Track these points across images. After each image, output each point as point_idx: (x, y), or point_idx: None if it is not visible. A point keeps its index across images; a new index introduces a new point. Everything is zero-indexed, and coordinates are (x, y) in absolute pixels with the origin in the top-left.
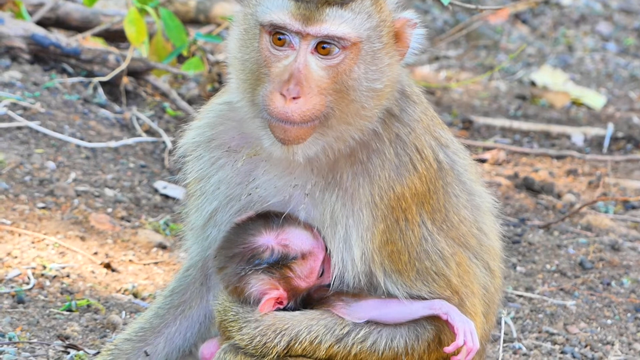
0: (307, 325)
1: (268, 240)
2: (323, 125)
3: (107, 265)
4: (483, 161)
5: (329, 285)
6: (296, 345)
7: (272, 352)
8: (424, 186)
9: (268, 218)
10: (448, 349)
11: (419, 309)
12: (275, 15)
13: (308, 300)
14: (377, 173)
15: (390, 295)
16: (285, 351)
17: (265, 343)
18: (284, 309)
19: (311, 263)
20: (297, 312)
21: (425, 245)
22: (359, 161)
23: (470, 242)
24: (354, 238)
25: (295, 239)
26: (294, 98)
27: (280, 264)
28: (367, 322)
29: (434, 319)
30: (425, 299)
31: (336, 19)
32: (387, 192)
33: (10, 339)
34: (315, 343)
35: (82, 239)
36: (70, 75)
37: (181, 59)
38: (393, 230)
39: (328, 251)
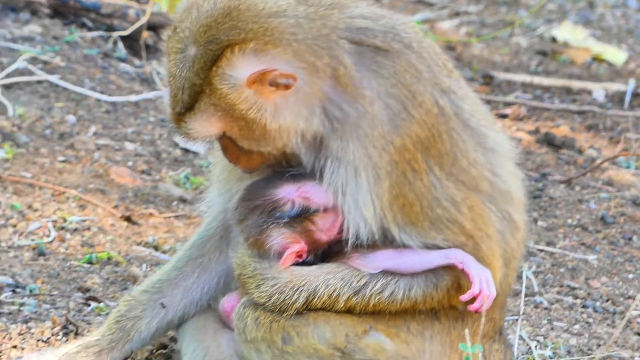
0: (324, 279)
1: (289, 192)
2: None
3: (128, 219)
4: (504, 117)
5: (346, 241)
6: (315, 300)
7: (291, 309)
8: (426, 131)
9: (287, 174)
10: (464, 297)
11: (435, 258)
12: None
13: (327, 253)
14: (368, 134)
15: (405, 247)
16: (304, 307)
17: (283, 300)
18: (304, 263)
19: (332, 216)
20: (313, 267)
21: (435, 193)
22: (346, 130)
23: (482, 186)
24: (362, 202)
25: (316, 192)
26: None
27: (301, 217)
28: (384, 273)
29: (451, 266)
30: (440, 247)
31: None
32: (387, 148)
33: (31, 291)
34: (333, 297)
35: (103, 192)
36: (90, 29)
37: None
38: (401, 184)
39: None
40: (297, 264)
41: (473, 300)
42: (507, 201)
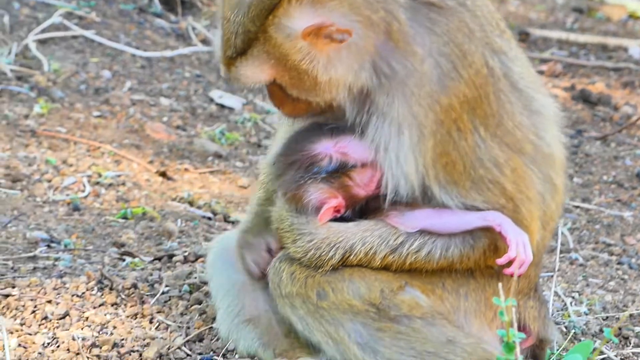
0: (361, 237)
1: (327, 147)
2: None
3: (163, 174)
4: (540, 73)
5: (384, 197)
6: (351, 257)
7: (327, 265)
8: (473, 92)
9: (325, 127)
10: (500, 261)
11: (473, 219)
12: None
13: (364, 209)
14: (414, 92)
15: (444, 207)
16: (340, 263)
17: (319, 256)
18: (342, 218)
19: (370, 171)
20: (351, 224)
21: (478, 153)
22: (393, 87)
23: (526, 148)
24: (404, 159)
25: (354, 147)
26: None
27: (339, 172)
28: (421, 232)
29: (488, 228)
30: (479, 209)
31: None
32: (433, 107)
33: (65, 246)
34: (370, 254)
35: (138, 147)
36: None
37: None
38: (446, 142)
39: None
40: (335, 219)
41: (509, 263)
42: (549, 164)
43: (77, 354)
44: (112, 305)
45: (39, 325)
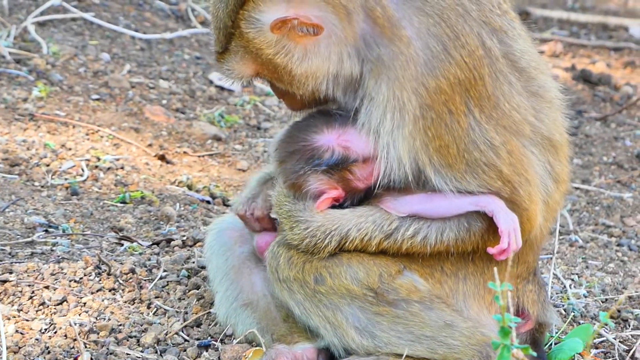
0: (356, 223)
1: (329, 140)
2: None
3: (162, 157)
4: (540, 53)
5: (379, 183)
6: (347, 243)
7: (323, 252)
8: (466, 73)
9: (331, 117)
10: (491, 251)
11: (465, 204)
12: None
13: (364, 196)
14: (399, 76)
15: (439, 192)
16: (336, 250)
17: (315, 244)
18: (340, 206)
19: (371, 166)
20: (346, 210)
21: (472, 135)
22: (381, 71)
23: (524, 130)
24: (393, 143)
25: (356, 141)
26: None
27: (339, 166)
28: (416, 217)
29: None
30: (474, 194)
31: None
32: (418, 91)
33: (63, 230)
34: (365, 240)
35: (137, 130)
36: None
37: None
38: (437, 125)
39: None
40: (333, 206)
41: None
42: (549, 149)
43: (75, 339)
44: (110, 290)
45: (37, 311)
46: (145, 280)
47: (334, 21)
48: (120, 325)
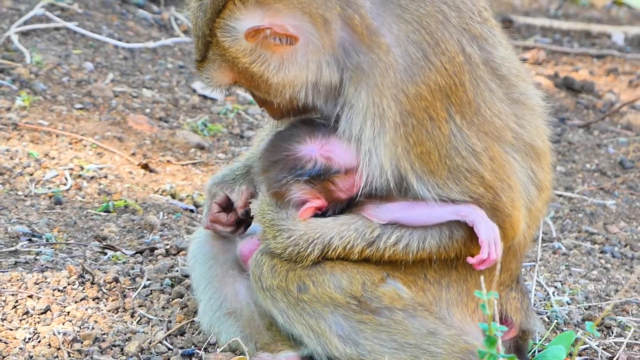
0: (338, 231)
1: (312, 150)
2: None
3: (145, 166)
4: (523, 61)
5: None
6: (330, 252)
7: (306, 261)
8: (447, 80)
9: (314, 127)
10: (471, 261)
11: (446, 213)
12: None
13: (346, 205)
14: (378, 83)
15: (421, 199)
16: (319, 258)
17: (298, 252)
18: (323, 214)
19: (353, 177)
20: (328, 218)
21: (454, 142)
22: (361, 79)
23: (506, 136)
24: (374, 150)
25: (339, 152)
26: None
27: (322, 177)
28: (398, 225)
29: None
30: (457, 201)
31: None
32: (398, 97)
33: (47, 240)
34: (347, 248)
35: (120, 139)
36: None
37: None
38: (419, 132)
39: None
40: (316, 215)
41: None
42: (531, 155)
43: (58, 349)
44: (94, 299)
45: (20, 320)
46: (128, 289)
47: (311, 30)
48: (104, 334)
